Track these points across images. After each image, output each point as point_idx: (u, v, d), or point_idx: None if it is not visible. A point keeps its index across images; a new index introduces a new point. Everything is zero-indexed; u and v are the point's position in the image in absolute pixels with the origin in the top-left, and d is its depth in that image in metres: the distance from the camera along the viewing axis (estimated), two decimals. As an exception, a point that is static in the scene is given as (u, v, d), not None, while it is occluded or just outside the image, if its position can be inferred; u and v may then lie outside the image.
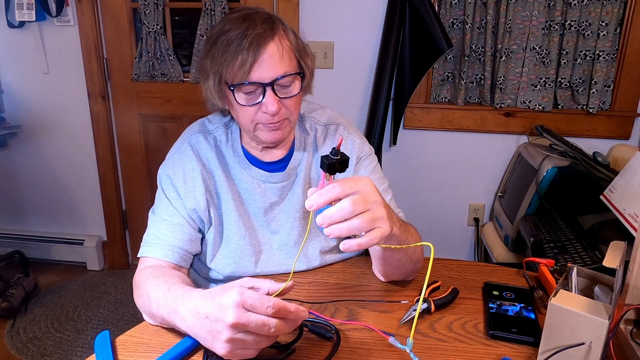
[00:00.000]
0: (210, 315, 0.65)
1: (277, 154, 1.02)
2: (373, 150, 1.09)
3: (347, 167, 0.68)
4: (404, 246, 0.77)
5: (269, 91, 0.88)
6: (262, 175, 1.00)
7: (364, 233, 0.69)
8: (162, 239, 0.93)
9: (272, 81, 0.88)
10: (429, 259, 0.63)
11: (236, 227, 0.99)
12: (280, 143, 0.99)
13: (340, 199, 0.67)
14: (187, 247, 0.95)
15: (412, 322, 0.83)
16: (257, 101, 0.89)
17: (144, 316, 0.85)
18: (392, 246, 0.76)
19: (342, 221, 0.67)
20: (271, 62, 0.87)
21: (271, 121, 0.91)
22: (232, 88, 0.89)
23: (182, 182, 0.96)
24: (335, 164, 0.66)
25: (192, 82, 2.29)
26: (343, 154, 0.67)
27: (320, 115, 1.07)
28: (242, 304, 0.63)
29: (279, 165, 1.01)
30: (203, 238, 1.00)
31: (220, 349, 0.65)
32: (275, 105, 0.88)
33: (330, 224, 0.67)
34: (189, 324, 0.69)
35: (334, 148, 0.67)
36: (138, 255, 0.95)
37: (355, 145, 1.04)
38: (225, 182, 0.99)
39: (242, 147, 1.01)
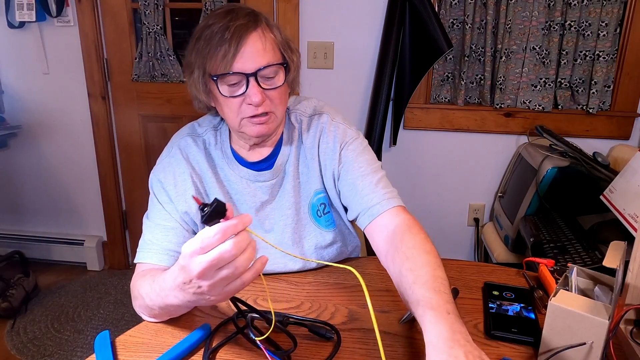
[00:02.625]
0: (184, 279, 0.66)
1: (263, 153, 1.02)
2: (360, 133, 1.06)
3: (223, 211, 0.62)
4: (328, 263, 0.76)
5: (252, 81, 0.88)
6: (251, 174, 1.00)
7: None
8: (156, 244, 0.93)
9: (255, 71, 0.88)
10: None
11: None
12: (266, 138, 0.99)
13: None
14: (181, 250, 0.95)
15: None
16: (241, 92, 0.89)
17: (146, 318, 0.85)
18: (293, 256, 0.87)
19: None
20: (254, 52, 0.88)
21: (255, 113, 0.91)
22: (215, 78, 0.89)
23: (172, 185, 0.96)
24: (211, 214, 0.61)
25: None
26: (214, 203, 0.61)
27: (305, 106, 1.06)
28: (194, 253, 0.62)
29: (267, 164, 1.02)
30: None
31: (212, 299, 0.67)
32: (258, 96, 0.88)
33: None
34: (181, 298, 0.70)
35: (199, 205, 0.62)
36: (134, 262, 0.95)
37: (339, 132, 1.02)
38: (215, 183, 0.99)
39: (231, 148, 1.02)
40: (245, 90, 0.89)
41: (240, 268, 0.63)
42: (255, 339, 0.72)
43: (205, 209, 0.61)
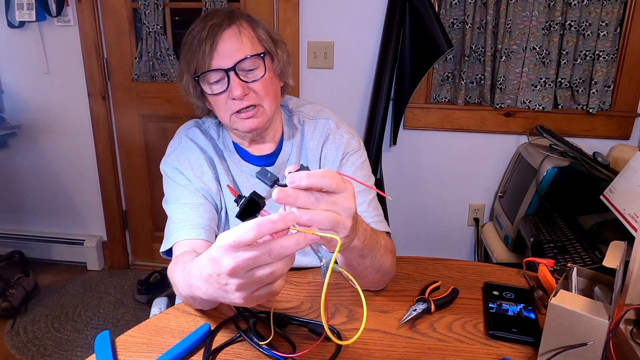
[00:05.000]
0: (211, 273, 0.58)
1: (265, 149, 1.02)
2: (362, 145, 1.07)
3: (260, 206, 0.55)
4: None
5: (232, 76, 0.90)
6: (251, 169, 1.01)
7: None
8: (190, 221, 0.92)
9: (233, 65, 0.89)
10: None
11: (233, 213, 1.00)
12: (260, 133, 0.99)
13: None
14: (212, 224, 0.95)
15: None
16: (224, 88, 0.91)
17: (188, 304, 0.84)
18: None
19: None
20: (230, 47, 0.89)
21: (241, 107, 0.91)
22: (196, 78, 0.92)
23: (190, 170, 0.98)
24: (245, 208, 0.53)
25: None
26: (251, 196, 0.54)
27: (309, 109, 1.07)
28: (229, 247, 0.54)
29: (269, 160, 1.02)
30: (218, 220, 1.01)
31: (237, 299, 0.58)
32: (239, 89, 0.89)
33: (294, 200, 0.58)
34: (203, 290, 0.64)
35: (235, 196, 0.55)
36: (169, 246, 0.91)
37: (343, 140, 1.03)
38: (223, 170, 1.00)
39: (233, 142, 1.03)
40: (228, 85, 0.90)
41: (275, 273, 0.55)
42: (261, 344, 0.72)
43: (240, 200, 0.54)
